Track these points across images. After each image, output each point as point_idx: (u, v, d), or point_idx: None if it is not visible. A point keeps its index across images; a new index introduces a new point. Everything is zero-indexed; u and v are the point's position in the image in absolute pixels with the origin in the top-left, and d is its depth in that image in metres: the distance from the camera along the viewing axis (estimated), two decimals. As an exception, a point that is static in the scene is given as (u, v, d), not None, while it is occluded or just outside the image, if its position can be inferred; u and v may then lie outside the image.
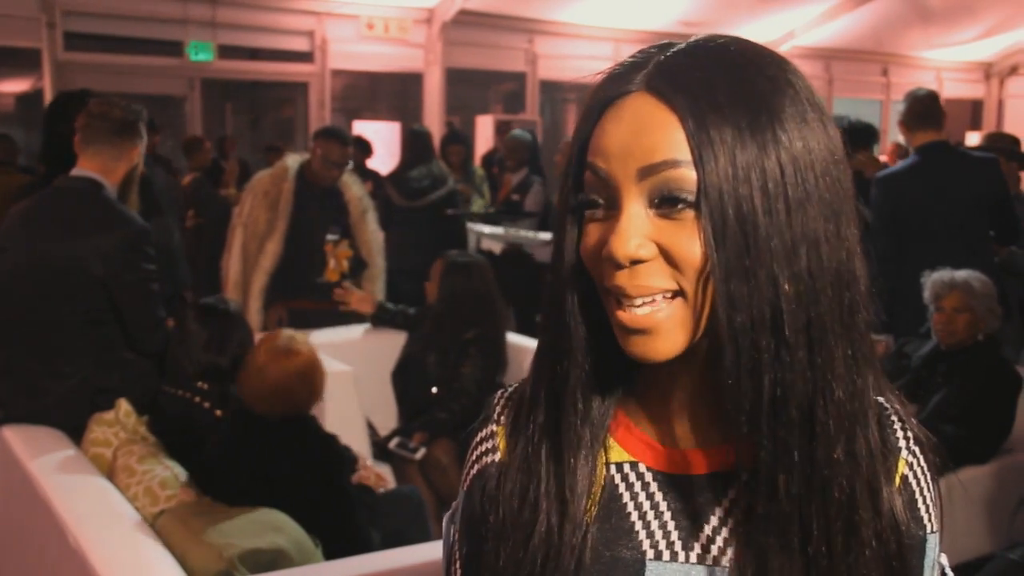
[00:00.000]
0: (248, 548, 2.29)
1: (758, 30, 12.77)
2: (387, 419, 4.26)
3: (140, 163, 3.30)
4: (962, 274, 3.65)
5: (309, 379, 2.76)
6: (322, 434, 2.81)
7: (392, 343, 4.36)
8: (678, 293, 0.78)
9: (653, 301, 0.78)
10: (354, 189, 4.77)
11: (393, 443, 3.94)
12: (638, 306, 0.78)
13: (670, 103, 0.77)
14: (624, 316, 0.79)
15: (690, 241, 0.76)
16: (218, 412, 2.96)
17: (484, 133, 10.75)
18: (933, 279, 3.71)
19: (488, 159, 9.06)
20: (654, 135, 0.77)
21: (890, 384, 0.88)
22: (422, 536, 2.99)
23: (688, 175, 0.76)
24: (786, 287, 0.75)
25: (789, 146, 0.76)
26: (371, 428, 4.03)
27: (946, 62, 15.33)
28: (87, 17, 9.23)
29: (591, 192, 0.81)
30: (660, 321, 0.78)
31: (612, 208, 0.79)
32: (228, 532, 2.35)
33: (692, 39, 0.82)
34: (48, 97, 8.97)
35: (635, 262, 0.77)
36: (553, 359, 0.87)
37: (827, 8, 12.50)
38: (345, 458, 2.85)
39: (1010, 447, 3.58)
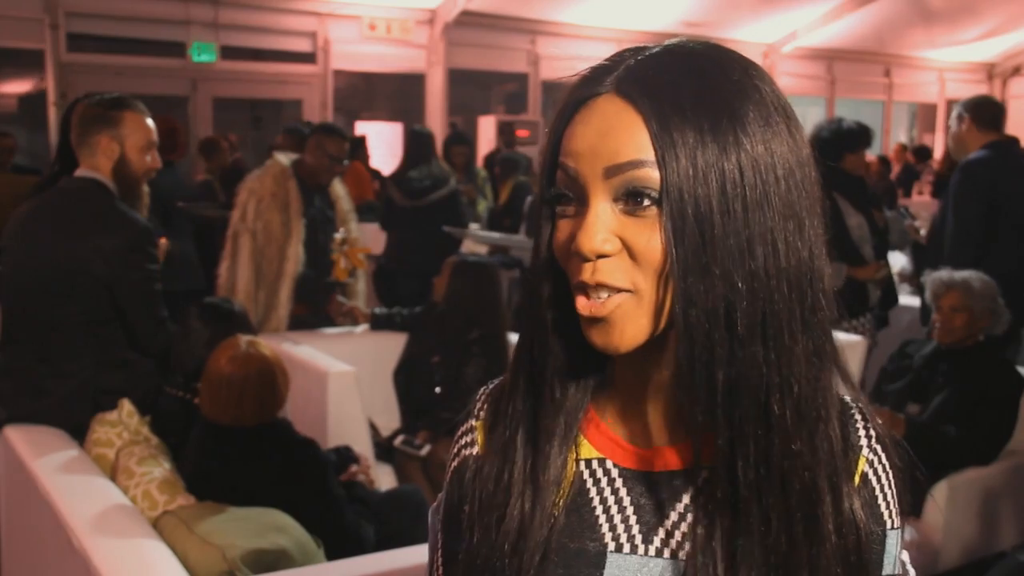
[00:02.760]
0: (250, 549, 2.29)
1: (760, 31, 12.78)
2: (389, 419, 4.26)
3: (133, 157, 3.15)
4: (963, 274, 3.65)
5: (270, 382, 2.68)
6: (297, 439, 2.75)
7: (394, 344, 4.36)
8: (632, 292, 0.82)
9: (614, 294, 0.82)
10: (338, 188, 4.74)
11: (399, 440, 3.95)
12: (599, 297, 0.82)
13: (636, 105, 0.81)
14: (583, 305, 0.83)
15: (652, 238, 0.80)
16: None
17: (486, 134, 10.77)
18: (932, 278, 3.72)
19: (490, 160, 9.07)
20: (620, 136, 0.81)
21: (854, 383, 0.91)
22: (424, 535, 2.98)
23: (651, 175, 0.80)
24: (740, 284, 0.79)
25: (750, 149, 0.80)
26: (373, 428, 4.04)
27: (948, 63, 15.33)
28: (90, 18, 9.24)
29: (563, 190, 0.85)
30: (613, 310, 0.82)
31: (581, 205, 0.83)
32: (230, 533, 2.35)
33: (665, 43, 0.86)
34: (51, 98, 8.99)
35: (600, 256, 0.81)
36: (531, 349, 0.91)
37: (829, 9, 12.49)
38: (326, 463, 2.79)
39: (1014, 448, 3.57)
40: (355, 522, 2.77)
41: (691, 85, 0.81)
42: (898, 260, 6.56)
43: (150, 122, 3.21)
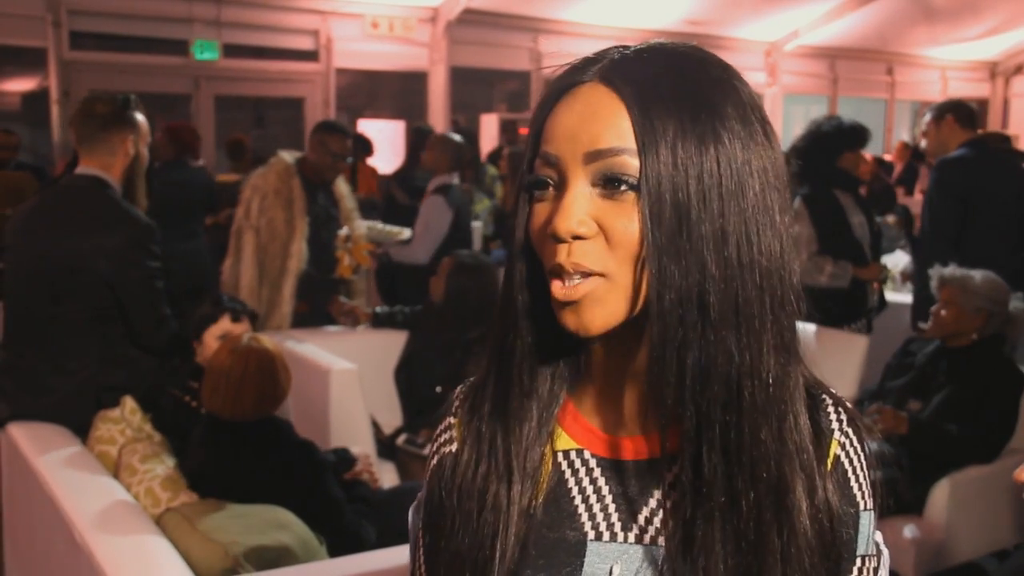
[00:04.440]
0: (253, 545, 2.30)
1: (762, 29, 12.77)
2: (391, 417, 4.27)
3: (144, 154, 3.25)
4: (970, 271, 3.67)
5: (270, 375, 2.69)
6: (296, 441, 2.77)
7: (396, 341, 4.37)
8: (604, 276, 0.83)
9: (588, 278, 0.83)
10: (342, 187, 4.75)
11: (401, 439, 3.95)
12: (573, 280, 0.83)
13: (619, 93, 0.83)
14: (558, 289, 0.84)
15: (629, 221, 0.82)
16: (204, 411, 2.95)
17: (489, 132, 10.76)
18: (936, 272, 3.75)
19: (494, 157, 9.06)
20: (602, 122, 0.83)
21: (820, 380, 0.93)
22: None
23: (631, 162, 0.82)
24: (714, 270, 0.81)
25: (727, 143, 0.82)
26: (375, 426, 4.04)
27: (951, 61, 15.30)
28: (93, 16, 9.23)
29: (541, 175, 0.87)
30: (587, 292, 0.83)
31: (559, 189, 0.85)
32: (233, 529, 2.35)
33: (649, 41, 0.88)
34: (54, 96, 8.99)
35: (576, 238, 0.82)
36: (502, 334, 0.93)
37: (832, 7, 12.47)
38: (324, 464, 2.79)
39: (1016, 446, 3.57)
40: (354, 522, 2.77)
41: (673, 78, 0.84)
42: (901, 259, 6.57)
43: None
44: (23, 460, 2.92)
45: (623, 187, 0.82)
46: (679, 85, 0.83)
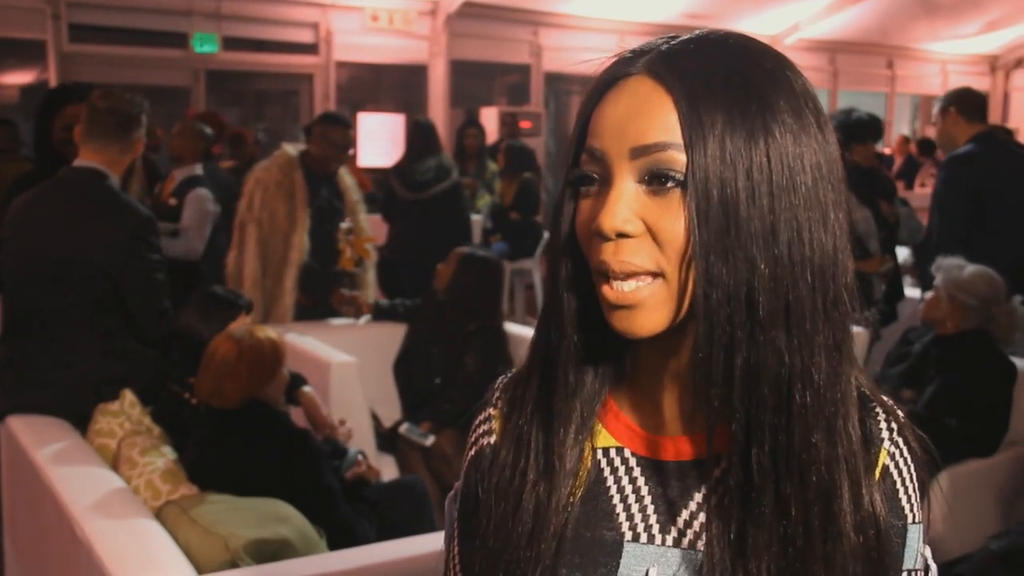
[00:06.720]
0: (253, 538, 2.30)
1: (763, 23, 12.74)
2: (391, 410, 4.27)
3: (141, 150, 3.34)
4: (961, 261, 3.69)
5: (252, 361, 2.72)
6: (291, 429, 2.79)
7: (396, 334, 4.37)
8: (659, 275, 0.81)
9: (636, 278, 0.81)
10: (347, 179, 4.76)
11: (404, 427, 3.96)
12: (623, 281, 0.81)
13: (666, 86, 0.81)
14: (609, 292, 0.82)
15: (675, 219, 0.80)
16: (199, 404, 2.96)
17: (489, 125, 10.73)
18: (938, 262, 3.79)
19: (493, 149, 9.06)
20: (648, 117, 0.81)
21: (870, 380, 0.91)
22: (426, 526, 3.00)
23: (678, 157, 0.80)
24: (763, 268, 0.78)
25: (779, 137, 0.80)
26: (375, 419, 4.04)
27: (951, 55, 15.29)
28: (92, 8, 9.22)
29: (586, 170, 0.85)
30: (643, 298, 0.81)
31: (605, 185, 0.83)
32: (233, 522, 2.35)
33: (697, 31, 0.85)
34: (53, 88, 8.98)
35: (621, 235, 0.80)
36: (546, 333, 0.91)
37: (832, 0, 12.46)
38: (319, 453, 2.81)
39: (1014, 439, 3.57)
40: (350, 515, 2.77)
41: (723, 70, 0.81)
42: (900, 252, 6.56)
43: None
44: (23, 453, 2.92)
45: (670, 183, 0.80)
46: (729, 78, 0.80)
